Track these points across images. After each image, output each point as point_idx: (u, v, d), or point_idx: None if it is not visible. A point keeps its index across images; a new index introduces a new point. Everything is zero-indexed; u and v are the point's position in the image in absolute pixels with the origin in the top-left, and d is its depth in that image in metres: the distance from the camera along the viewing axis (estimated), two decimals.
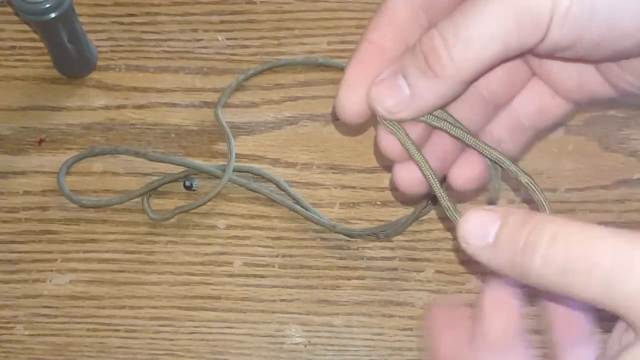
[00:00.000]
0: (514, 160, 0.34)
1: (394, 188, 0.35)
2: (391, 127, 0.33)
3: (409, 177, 0.35)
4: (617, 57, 0.32)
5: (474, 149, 0.34)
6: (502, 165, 0.34)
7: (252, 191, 0.54)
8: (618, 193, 0.54)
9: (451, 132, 0.34)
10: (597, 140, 0.55)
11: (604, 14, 0.29)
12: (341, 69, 0.58)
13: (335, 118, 0.56)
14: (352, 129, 0.56)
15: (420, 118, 0.33)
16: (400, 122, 0.33)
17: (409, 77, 0.32)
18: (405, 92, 0.32)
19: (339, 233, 0.53)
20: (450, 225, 0.52)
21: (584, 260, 0.27)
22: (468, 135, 0.34)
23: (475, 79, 0.31)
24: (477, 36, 0.29)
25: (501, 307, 0.32)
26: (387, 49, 0.33)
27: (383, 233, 0.52)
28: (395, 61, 0.32)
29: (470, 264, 0.52)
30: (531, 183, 0.33)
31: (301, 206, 0.53)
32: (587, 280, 0.27)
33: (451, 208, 0.33)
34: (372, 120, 0.34)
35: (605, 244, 0.26)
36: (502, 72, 0.36)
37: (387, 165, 0.55)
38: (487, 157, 0.34)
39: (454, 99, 0.33)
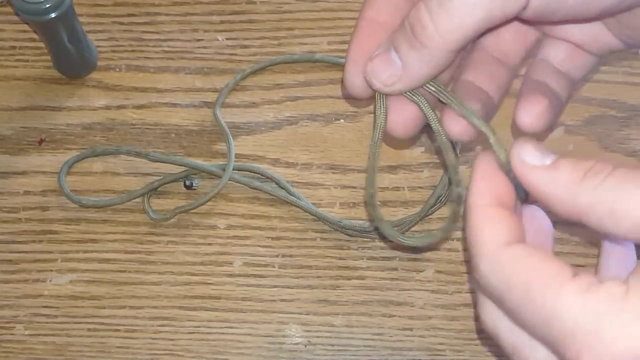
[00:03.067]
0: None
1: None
2: (410, 97, 0.35)
3: (403, 118, 0.36)
4: (603, 15, 0.34)
5: (463, 116, 0.35)
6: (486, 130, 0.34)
7: (253, 189, 0.54)
8: None
9: (425, 109, 0.35)
10: (597, 140, 0.55)
11: None
12: (339, 66, 0.58)
13: (346, 96, 0.56)
14: (364, 103, 0.56)
15: (406, 93, 0.34)
16: (394, 94, 0.34)
17: (399, 50, 0.33)
18: (398, 64, 0.33)
19: (346, 229, 0.53)
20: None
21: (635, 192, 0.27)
22: (455, 102, 0.35)
23: (463, 47, 0.32)
24: (460, 4, 0.30)
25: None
26: (384, 23, 0.34)
27: (378, 232, 0.52)
28: (389, 35, 0.34)
29: (470, 264, 0.52)
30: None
31: (303, 204, 0.53)
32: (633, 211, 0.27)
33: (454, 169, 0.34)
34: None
35: None
36: (509, 34, 0.37)
37: (384, 165, 0.55)
38: (473, 123, 0.34)
39: (446, 67, 0.33)
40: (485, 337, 0.50)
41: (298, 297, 0.52)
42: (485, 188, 0.31)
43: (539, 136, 0.54)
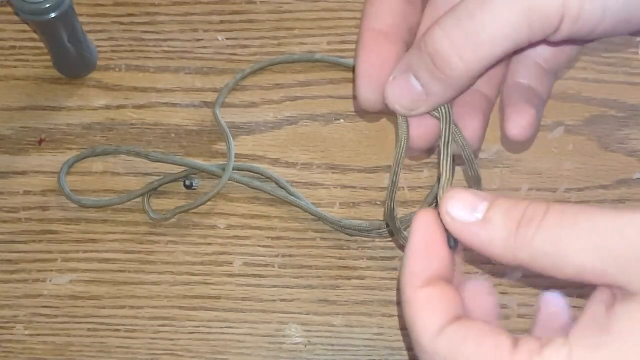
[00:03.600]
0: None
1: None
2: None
3: (424, 131, 0.35)
4: (633, 35, 0.33)
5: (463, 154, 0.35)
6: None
7: (254, 189, 0.54)
8: (618, 193, 0.54)
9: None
10: (597, 140, 0.55)
11: (617, 10, 0.29)
12: (339, 66, 0.58)
13: (359, 110, 0.56)
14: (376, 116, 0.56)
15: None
16: (417, 116, 0.34)
17: (420, 77, 0.32)
18: (419, 89, 0.33)
19: (346, 229, 0.53)
20: None
21: (579, 227, 0.27)
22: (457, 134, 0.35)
23: (486, 71, 0.32)
24: (488, 38, 0.30)
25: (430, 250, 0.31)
26: (390, 33, 0.34)
27: (387, 230, 0.52)
28: (405, 58, 0.33)
29: (470, 264, 0.52)
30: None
31: (303, 204, 0.53)
32: (581, 245, 0.27)
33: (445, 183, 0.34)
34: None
35: (597, 212, 0.28)
36: None
37: (385, 164, 0.55)
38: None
39: (469, 88, 0.33)
40: None
41: (298, 297, 0.52)
42: (418, 266, 0.31)
43: (526, 144, 0.54)
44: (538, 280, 0.50)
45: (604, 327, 0.27)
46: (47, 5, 0.50)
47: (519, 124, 0.35)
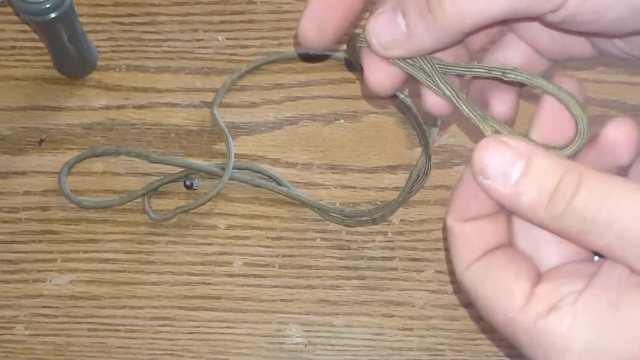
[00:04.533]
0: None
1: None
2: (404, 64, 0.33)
3: (382, 75, 0.34)
4: (633, 34, 0.32)
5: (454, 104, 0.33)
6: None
7: (253, 189, 0.54)
8: None
9: (424, 81, 0.33)
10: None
11: None
12: (340, 66, 0.58)
13: (367, 94, 0.56)
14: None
15: (398, 62, 0.33)
16: (388, 58, 0.32)
17: (407, 16, 0.31)
18: (402, 30, 0.31)
19: (348, 217, 0.53)
20: None
21: (605, 210, 0.27)
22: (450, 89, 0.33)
23: (474, 32, 0.31)
24: None
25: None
26: None
27: (380, 214, 0.52)
28: None
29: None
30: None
31: (302, 200, 0.53)
32: (601, 231, 0.27)
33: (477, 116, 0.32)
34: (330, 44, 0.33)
35: (625, 197, 0.27)
36: None
37: (385, 163, 0.55)
38: (470, 115, 0.33)
39: (450, 46, 0.32)
40: (486, 337, 0.50)
41: (298, 297, 0.52)
42: (464, 204, 0.31)
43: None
44: None
45: (612, 302, 0.27)
46: (47, 5, 0.50)
47: (505, 99, 0.35)
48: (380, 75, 0.33)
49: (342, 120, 0.57)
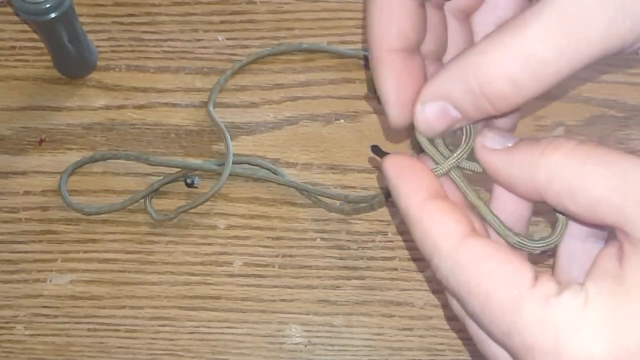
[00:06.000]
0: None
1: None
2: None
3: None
4: None
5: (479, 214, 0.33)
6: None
7: (254, 188, 0.54)
8: None
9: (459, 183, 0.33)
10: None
11: None
12: (340, 66, 0.58)
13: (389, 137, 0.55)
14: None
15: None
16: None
17: (462, 109, 0.30)
18: (455, 116, 0.30)
19: (349, 202, 0.53)
20: None
21: (605, 158, 0.27)
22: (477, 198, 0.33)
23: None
24: (551, 74, 0.28)
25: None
26: (409, 49, 0.31)
27: (376, 200, 0.52)
28: (438, 85, 0.30)
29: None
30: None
31: (302, 189, 0.54)
32: (603, 175, 0.27)
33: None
34: None
35: (623, 155, 0.27)
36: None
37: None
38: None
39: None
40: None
41: (298, 297, 0.52)
42: (414, 183, 0.30)
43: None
44: None
45: (617, 278, 0.27)
46: (47, 5, 0.50)
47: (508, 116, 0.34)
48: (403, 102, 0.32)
49: (342, 120, 0.57)
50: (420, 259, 0.52)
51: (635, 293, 0.26)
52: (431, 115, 0.31)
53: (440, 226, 0.29)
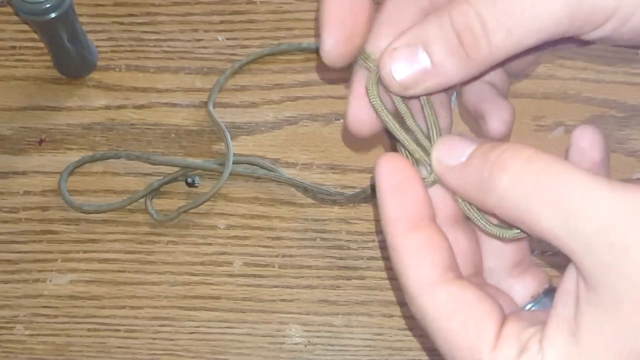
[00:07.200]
0: None
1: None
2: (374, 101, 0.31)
3: (363, 114, 0.32)
4: None
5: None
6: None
7: (253, 189, 0.54)
8: None
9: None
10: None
11: None
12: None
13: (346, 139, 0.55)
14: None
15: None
16: (406, 97, 0.31)
17: (434, 52, 0.29)
18: (425, 65, 0.29)
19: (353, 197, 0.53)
20: None
21: (553, 188, 0.26)
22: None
23: (506, 61, 0.30)
24: (524, 27, 0.27)
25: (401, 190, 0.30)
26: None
27: (371, 185, 0.52)
28: (414, 29, 0.29)
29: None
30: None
31: (302, 187, 0.54)
32: (550, 209, 0.26)
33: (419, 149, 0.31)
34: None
35: (575, 181, 0.26)
36: None
37: None
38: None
39: (479, 78, 0.31)
40: None
41: (298, 297, 0.52)
42: (395, 208, 0.29)
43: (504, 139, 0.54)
44: None
45: (573, 332, 0.26)
46: (47, 5, 0.50)
47: (502, 118, 0.34)
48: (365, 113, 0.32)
49: (342, 120, 0.57)
50: None
51: (589, 353, 0.26)
52: (400, 58, 0.29)
53: (412, 269, 0.29)
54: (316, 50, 0.58)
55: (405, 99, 0.31)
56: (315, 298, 0.52)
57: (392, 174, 0.30)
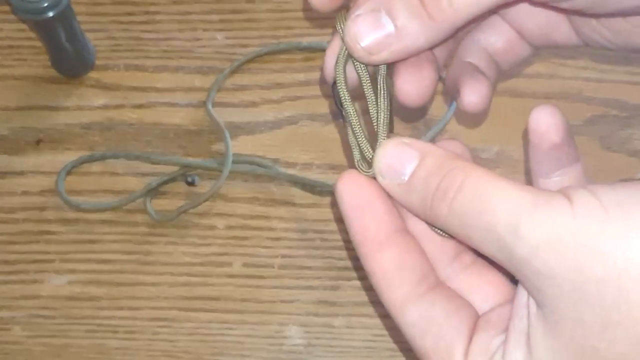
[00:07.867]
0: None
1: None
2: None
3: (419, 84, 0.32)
4: (617, 14, 0.31)
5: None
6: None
7: (253, 190, 0.54)
8: None
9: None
10: (599, 141, 0.55)
11: None
12: (325, 52, 0.58)
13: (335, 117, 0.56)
14: None
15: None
16: (372, 64, 0.31)
17: (397, 16, 0.29)
18: (389, 30, 0.29)
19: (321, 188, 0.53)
20: None
21: (483, 218, 0.26)
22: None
23: (470, 24, 0.30)
24: None
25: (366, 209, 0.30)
26: None
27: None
28: None
29: None
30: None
31: (302, 183, 0.53)
32: (485, 237, 0.26)
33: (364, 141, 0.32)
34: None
35: (502, 207, 0.26)
36: None
37: None
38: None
39: (442, 42, 0.31)
40: None
41: (298, 298, 0.52)
42: (363, 231, 0.30)
43: (480, 117, 0.53)
44: None
45: (530, 347, 0.27)
46: (45, 4, 0.50)
47: (478, 91, 0.34)
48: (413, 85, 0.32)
49: (341, 120, 0.56)
50: None
51: None
52: (363, 23, 0.30)
53: (385, 290, 0.30)
54: (316, 50, 0.58)
55: (372, 80, 0.31)
56: (315, 299, 0.52)
57: (353, 194, 0.30)
